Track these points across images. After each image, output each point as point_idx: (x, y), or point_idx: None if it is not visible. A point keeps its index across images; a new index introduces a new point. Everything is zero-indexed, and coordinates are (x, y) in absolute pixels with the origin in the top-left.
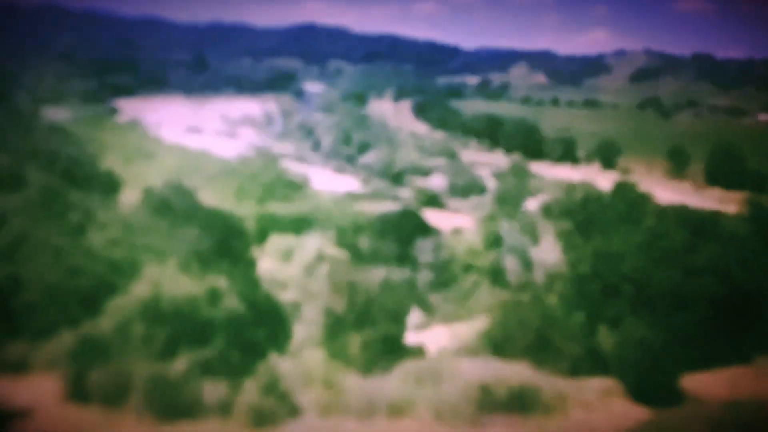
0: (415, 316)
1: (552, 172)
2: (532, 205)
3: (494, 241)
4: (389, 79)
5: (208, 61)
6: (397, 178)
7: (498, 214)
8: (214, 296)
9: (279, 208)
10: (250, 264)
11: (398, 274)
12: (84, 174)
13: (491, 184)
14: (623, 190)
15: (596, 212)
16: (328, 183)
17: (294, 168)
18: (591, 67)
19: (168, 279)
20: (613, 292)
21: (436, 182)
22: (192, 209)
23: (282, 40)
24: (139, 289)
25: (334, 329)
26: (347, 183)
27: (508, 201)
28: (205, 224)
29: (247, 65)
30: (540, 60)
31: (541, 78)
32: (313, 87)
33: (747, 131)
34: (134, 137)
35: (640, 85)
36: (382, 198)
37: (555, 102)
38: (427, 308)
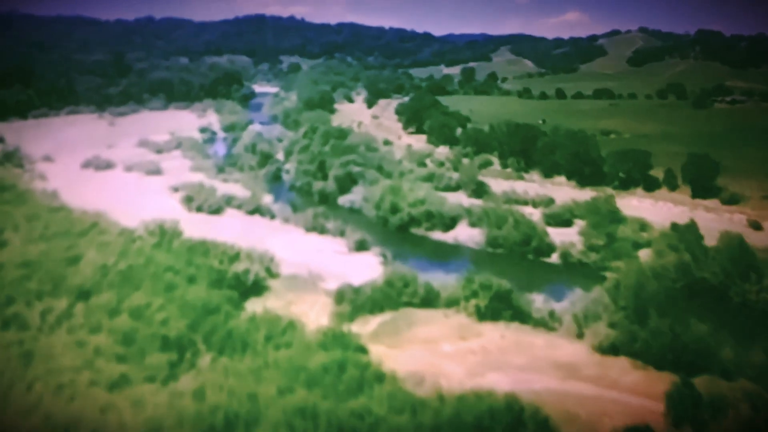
0: None
1: (629, 207)
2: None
3: None
4: (356, 75)
5: (130, 63)
6: (402, 231)
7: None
8: None
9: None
10: None
11: None
12: None
13: (554, 236)
14: None
15: None
16: (300, 253)
17: (245, 232)
18: (583, 50)
19: None
20: None
21: (467, 237)
22: None
23: (224, 34)
24: None
25: None
26: (331, 252)
27: (635, 295)
28: None
29: (180, 66)
30: (523, 45)
31: (528, 65)
32: (264, 89)
33: None
34: None
35: (643, 69)
36: (404, 302)
37: (560, 94)
38: None
